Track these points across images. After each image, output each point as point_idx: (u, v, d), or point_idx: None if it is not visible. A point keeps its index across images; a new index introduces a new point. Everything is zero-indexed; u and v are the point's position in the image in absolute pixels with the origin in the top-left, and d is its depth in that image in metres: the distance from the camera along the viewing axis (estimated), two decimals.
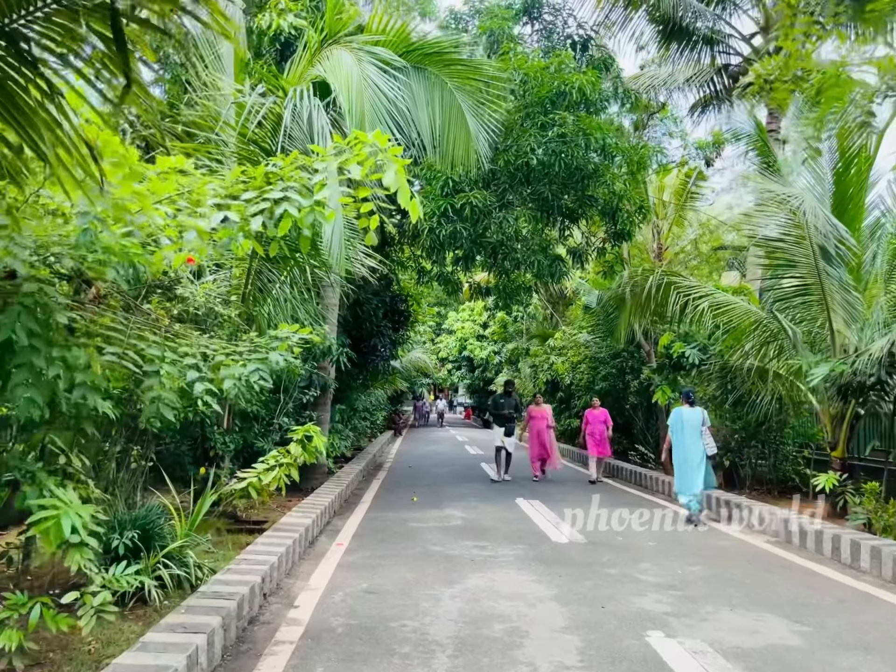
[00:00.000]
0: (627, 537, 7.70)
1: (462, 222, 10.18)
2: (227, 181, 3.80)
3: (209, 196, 3.73)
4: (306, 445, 6.60)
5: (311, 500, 8.57)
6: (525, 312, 27.41)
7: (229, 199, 3.76)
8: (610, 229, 11.39)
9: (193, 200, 3.74)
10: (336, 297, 10.78)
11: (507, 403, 13.27)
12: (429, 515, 8.99)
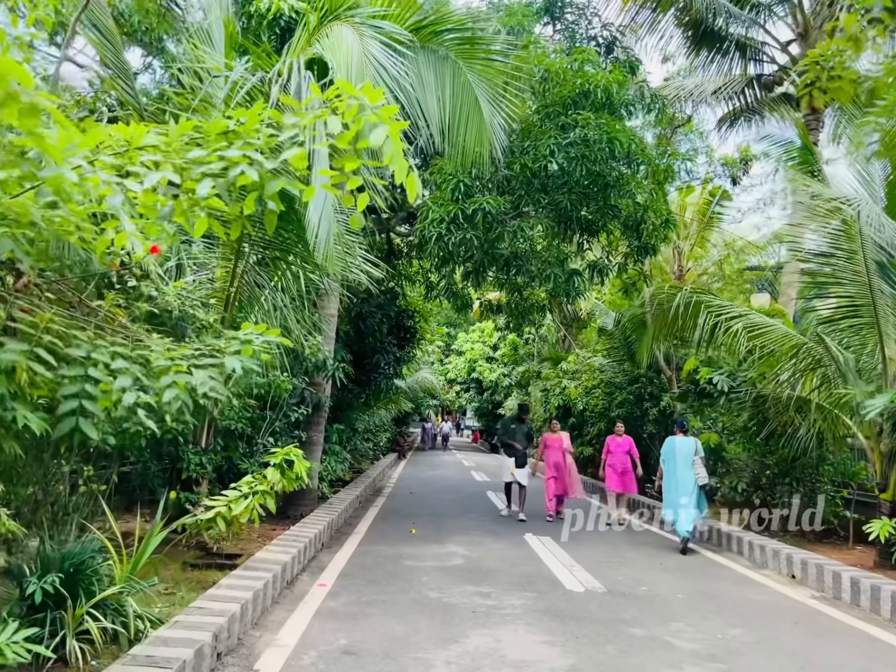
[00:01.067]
0: (652, 586, 6.72)
1: (473, 230, 9.36)
2: (170, 136, 2.98)
3: (145, 153, 2.91)
4: (286, 471, 5.73)
5: (295, 531, 7.66)
6: (537, 334, 26.52)
7: (173, 159, 2.95)
8: (633, 243, 10.53)
9: (125, 157, 2.92)
10: (334, 306, 9.96)
11: (519, 431, 11.46)
12: (427, 551, 8.05)
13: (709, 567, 7.93)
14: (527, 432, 11.60)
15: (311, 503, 9.77)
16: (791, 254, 11.02)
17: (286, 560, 6.09)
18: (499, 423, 12.39)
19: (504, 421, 12.38)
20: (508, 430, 11.53)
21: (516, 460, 11.04)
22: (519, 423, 11.66)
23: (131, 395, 3.11)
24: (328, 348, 9.75)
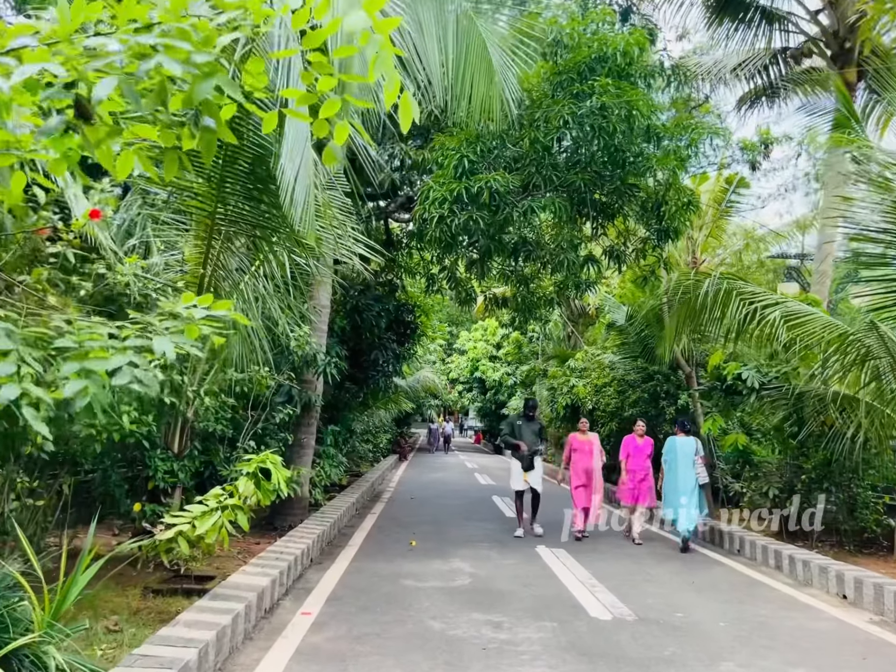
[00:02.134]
0: (688, 612, 5.82)
1: (478, 210, 8.48)
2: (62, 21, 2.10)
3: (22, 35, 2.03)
4: (262, 481, 4.85)
5: (280, 546, 6.78)
6: (543, 331, 25.61)
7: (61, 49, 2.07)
8: (652, 227, 9.63)
9: None
10: (326, 296, 9.08)
11: (527, 429, 9.81)
12: (429, 568, 7.16)
13: (746, 586, 7.03)
14: (537, 430, 9.94)
15: (301, 512, 8.89)
16: (827, 237, 10.13)
17: (263, 585, 5.20)
18: (502, 424, 10.44)
19: (510, 420, 10.57)
20: (514, 429, 9.93)
21: (523, 463, 9.53)
22: (526, 421, 10.01)
23: (12, 390, 2.21)
24: (319, 342, 8.87)
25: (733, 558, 8.50)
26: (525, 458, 9.53)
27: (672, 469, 9.18)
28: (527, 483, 9.52)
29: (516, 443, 9.66)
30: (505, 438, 10.06)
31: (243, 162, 5.83)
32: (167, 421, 6.59)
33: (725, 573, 7.61)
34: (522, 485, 9.58)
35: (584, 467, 9.73)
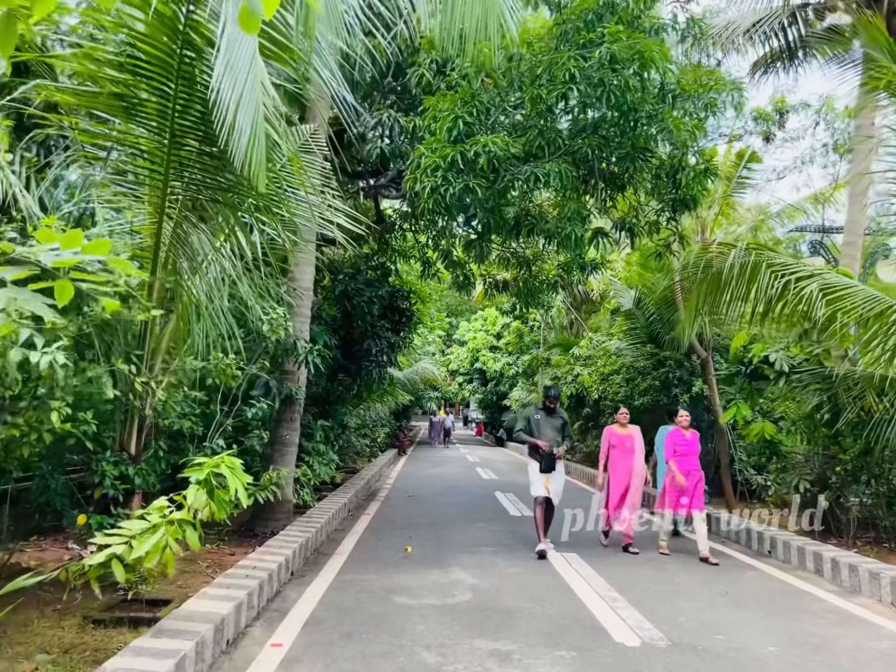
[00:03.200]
0: (729, 633, 4.98)
1: (476, 178, 7.59)
2: None
3: None
4: (217, 490, 3.99)
5: (254, 559, 5.92)
6: (546, 317, 24.72)
7: None
8: (667, 195, 8.74)
9: None
10: (309, 278, 8.19)
11: (546, 423, 7.95)
12: (425, 581, 6.31)
13: (787, 595, 6.19)
14: (559, 426, 8.01)
15: (285, 516, 8.04)
16: (856, 205, 9.25)
17: (224, 613, 4.34)
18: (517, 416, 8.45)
19: (525, 411, 8.47)
20: (531, 422, 8.01)
21: (542, 463, 7.72)
22: (546, 413, 8.04)
23: None
24: (301, 328, 7.99)
25: (764, 561, 7.66)
26: (544, 458, 7.73)
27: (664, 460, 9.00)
28: (546, 490, 7.79)
29: (532, 441, 7.87)
30: (520, 436, 8.09)
31: (195, 112, 4.94)
32: (121, 418, 5.73)
33: (761, 580, 6.77)
34: (541, 490, 7.78)
35: (626, 468, 8.21)
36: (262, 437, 6.87)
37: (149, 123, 4.86)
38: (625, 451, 8.30)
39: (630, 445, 8.33)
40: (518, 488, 14.52)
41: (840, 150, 15.03)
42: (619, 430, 8.51)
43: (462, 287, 13.57)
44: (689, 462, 7.91)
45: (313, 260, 8.29)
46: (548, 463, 7.72)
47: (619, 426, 8.56)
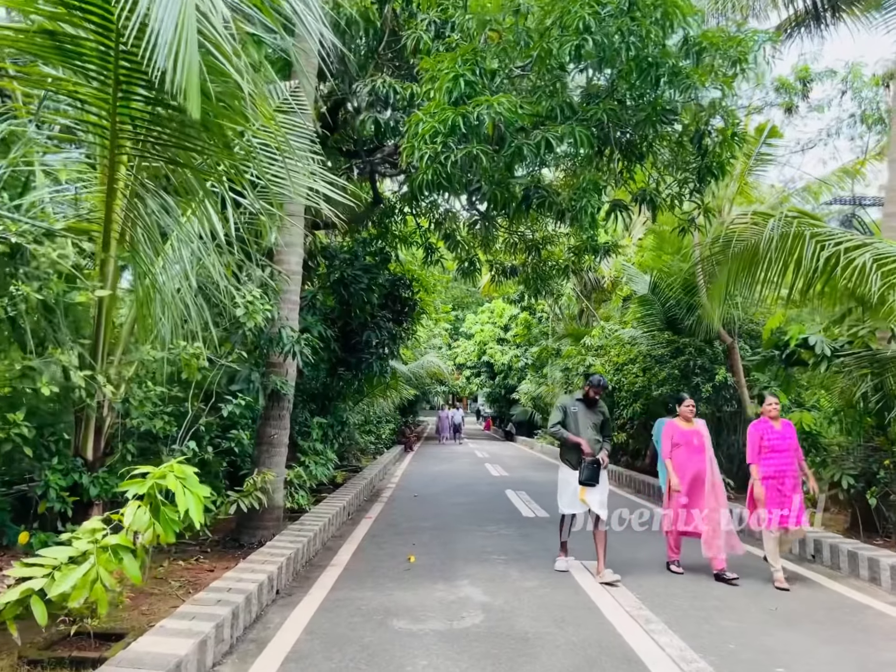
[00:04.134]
0: (793, 665, 4.18)
1: (479, 144, 6.78)
2: None
3: None
4: (163, 509, 3.21)
5: (232, 578, 5.15)
6: (555, 308, 23.88)
7: None
8: (691, 165, 7.91)
9: None
10: (296, 260, 7.39)
11: (587, 420, 6.49)
12: (429, 598, 5.53)
13: (845, 610, 5.38)
14: (599, 422, 6.57)
15: (274, 524, 7.28)
16: None
17: (184, 654, 3.56)
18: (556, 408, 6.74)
19: (560, 402, 6.74)
20: (566, 415, 6.49)
21: (582, 472, 6.21)
22: (586, 406, 6.53)
23: None
24: (289, 315, 7.21)
25: (809, 567, 6.85)
26: (587, 466, 6.19)
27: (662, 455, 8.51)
28: (584, 504, 6.27)
29: (576, 440, 6.33)
30: (558, 431, 6.47)
31: None
32: (73, 419, 4.98)
33: (811, 592, 5.96)
34: (575, 506, 6.34)
35: (693, 471, 6.56)
36: (242, 437, 6.11)
37: (87, 67, 4.07)
38: (692, 450, 6.66)
39: (699, 443, 6.68)
40: (529, 486, 13.74)
41: (868, 120, 14.14)
42: (684, 425, 6.85)
43: (467, 273, 12.80)
44: (784, 461, 6.22)
45: (301, 241, 7.50)
46: (590, 473, 6.17)
47: (683, 420, 6.88)
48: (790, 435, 6.37)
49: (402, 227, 13.15)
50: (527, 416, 31.47)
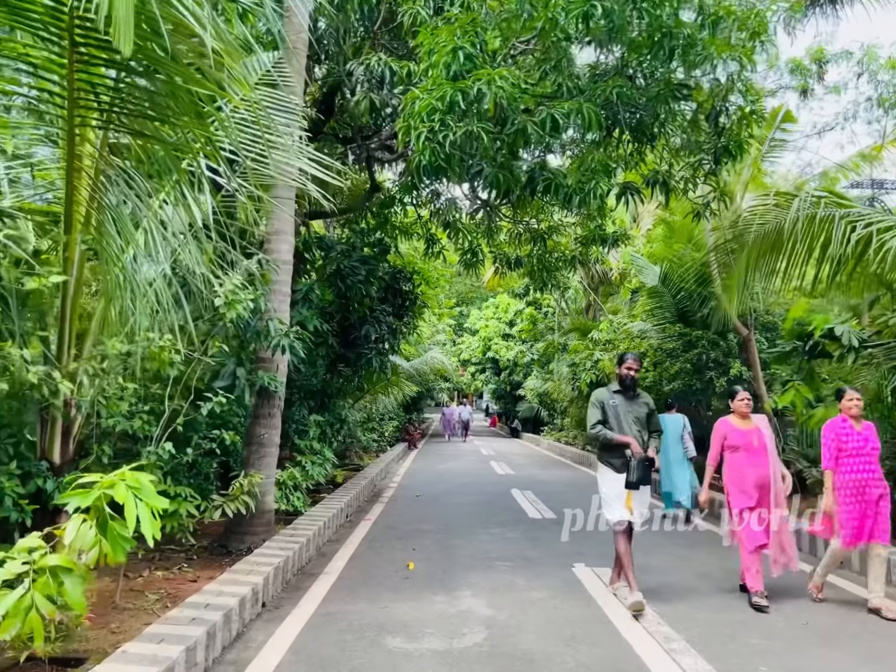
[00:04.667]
0: None
1: (480, 121, 6.32)
2: None
3: None
4: (111, 523, 2.77)
5: (211, 592, 4.72)
6: (560, 302, 23.39)
7: None
8: (706, 145, 7.43)
9: None
10: (287, 248, 6.95)
11: (629, 415, 5.47)
12: (428, 612, 5.09)
13: (880, 623, 4.91)
14: (645, 415, 5.53)
15: (265, 529, 6.84)
16: None
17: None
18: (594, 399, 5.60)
19: (596, 396, 5.60)
20: (605, 410, 5.44)
21: (632, 473, 5.18)
22: (626, 398, 5.50)
23: None
24: (279, 307, 6.77)
25: (836, 574, 6.37)
26: (638, 465, 5.18)
27: (664, 447, 8.88)
28: (628, 510, 5.32)
29: (624, 439, 5.30)
30: (601, 433, 5.37)
31: None
32: (35, 419, 4.55)
33: (843, 602, 5.49)
34: (620, 513, 5.34)
35: (755, 478, 5.45)
36: (225, 437, 5.67)
37: (34, 25, 3.62)
38: (752, 453, 5.52)
39: (760, 444, 5.55)
40: (536, 485, 13.29)
41: (885, 103, 13.57)
42: (741, 423, 5.71)
43: (470, 265, 12.33)
44: (863, 466, 5.25)
45: (292, 228, 7.05)
46: (642, 473, 5.18)
47: (738, 417, 5.76)
48: (872, 437, 5.39)
49: (403, 217, 12.69)
50: (532, 412, 31.03)
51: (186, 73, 3.70)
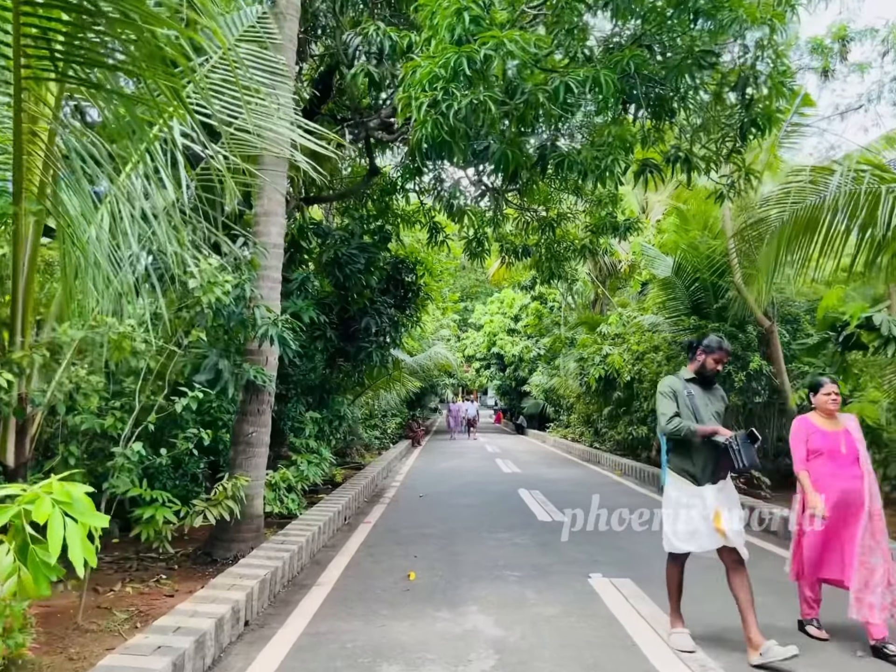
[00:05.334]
0: None
1: (488, 90, 5.76)
2: None
3: None
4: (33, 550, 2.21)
5: (185, 611, 4.19)
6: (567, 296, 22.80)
7: None
8: (733, 117, 6.85)
9: None
10: (278, 231, 6.40)
11: (706, 408, 4.35)
12: (429, 634, 4.54)
13: None
14: (723, 410, 4.50)
15: (253, 535, 6.32)
16: None
17: None
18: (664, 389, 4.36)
19: (665, 385, 4.41)
20: (678, 399, 4.33)
21: (739, 456, 4.04)
22: (703, 388, 4.42)
23: None
24: (269, 294, 6.23)
25: None
26: (742, 444, 4.04)
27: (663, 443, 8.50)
28: (721, 533, 4.07)
29: (710, 429, 4.18)
30: (680, 426, 4.18)
31: None
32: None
33: None
34: (711, 538, 4.11)
35: (839, 492, 4.39)
36: (202, 437, 5.12)
37: None
38: (839, 462, 4.45)
39: (849, 450, 4.48)
40: (544, 484, 12.75)
41: None
42: (825, 422, 4.61)
43: (475, 255, 11.78)
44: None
45: (283, 209, 6.50)
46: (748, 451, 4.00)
47: (822, 416, 4.63)
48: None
49: (406, 204, 12.13)
50: (538, 408, 30.49)
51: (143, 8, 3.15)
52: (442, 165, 9.61)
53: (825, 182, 5.77)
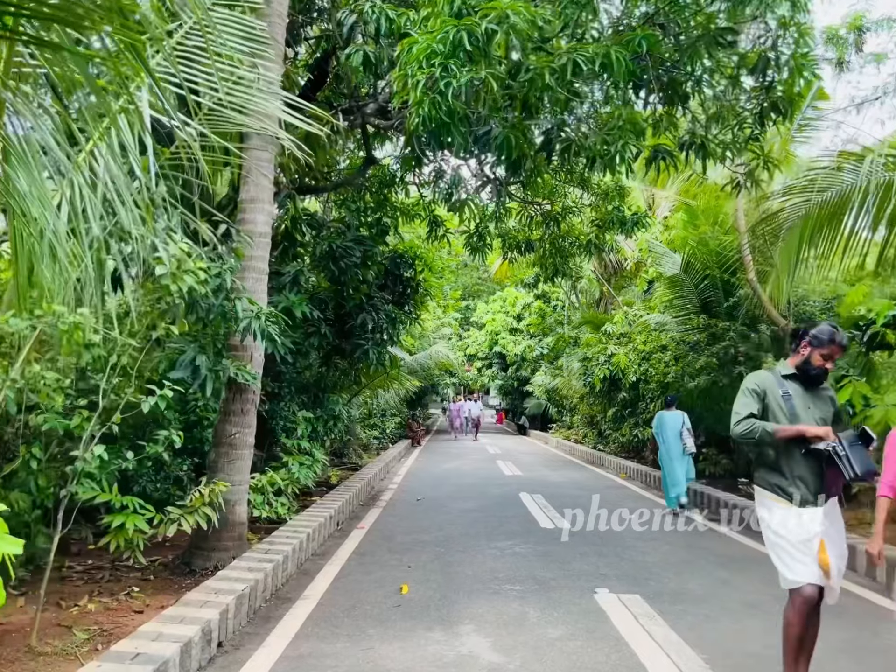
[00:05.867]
0: None
1: (489, 66, 5.35)
2: None
3: None
4: None
5: (144, 636, 3.79)
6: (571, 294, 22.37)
7: None
8: (752, 100, 6.43)
9: None
10: (264, 220, 5.99)
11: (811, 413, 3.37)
12: (420, 659, 4.13)
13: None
14: (832, 414, 3.48)
15: (236, 544, 5.91)
16: None
17: None
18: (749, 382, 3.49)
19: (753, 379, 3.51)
20: (767, 400, 3.40)
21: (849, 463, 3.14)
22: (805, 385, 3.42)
23: None
24: (254, 286, 5.82)
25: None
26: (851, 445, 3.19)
27: (663, 442, 9.54)
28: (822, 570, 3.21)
29: (793, 430, 3.31)
30: (754, 430, 3.32)
31: None
32: None
33: None
34: (820, 573, 3.22)
35: None
36: (173, 439, 4.71)
37: None
38: None
39: None
40: (546, 487, 12.33)
41: None
42: None
43: (476, 249, 11.36)
44: None
45: (270, 196, 6.10)
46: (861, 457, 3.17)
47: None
48: None
49: (405, 198, 11.71)
50: (540, 409, 30.04)
51: None
52: (442, 155, 9.20)
53: (853, 169, 5.35)
